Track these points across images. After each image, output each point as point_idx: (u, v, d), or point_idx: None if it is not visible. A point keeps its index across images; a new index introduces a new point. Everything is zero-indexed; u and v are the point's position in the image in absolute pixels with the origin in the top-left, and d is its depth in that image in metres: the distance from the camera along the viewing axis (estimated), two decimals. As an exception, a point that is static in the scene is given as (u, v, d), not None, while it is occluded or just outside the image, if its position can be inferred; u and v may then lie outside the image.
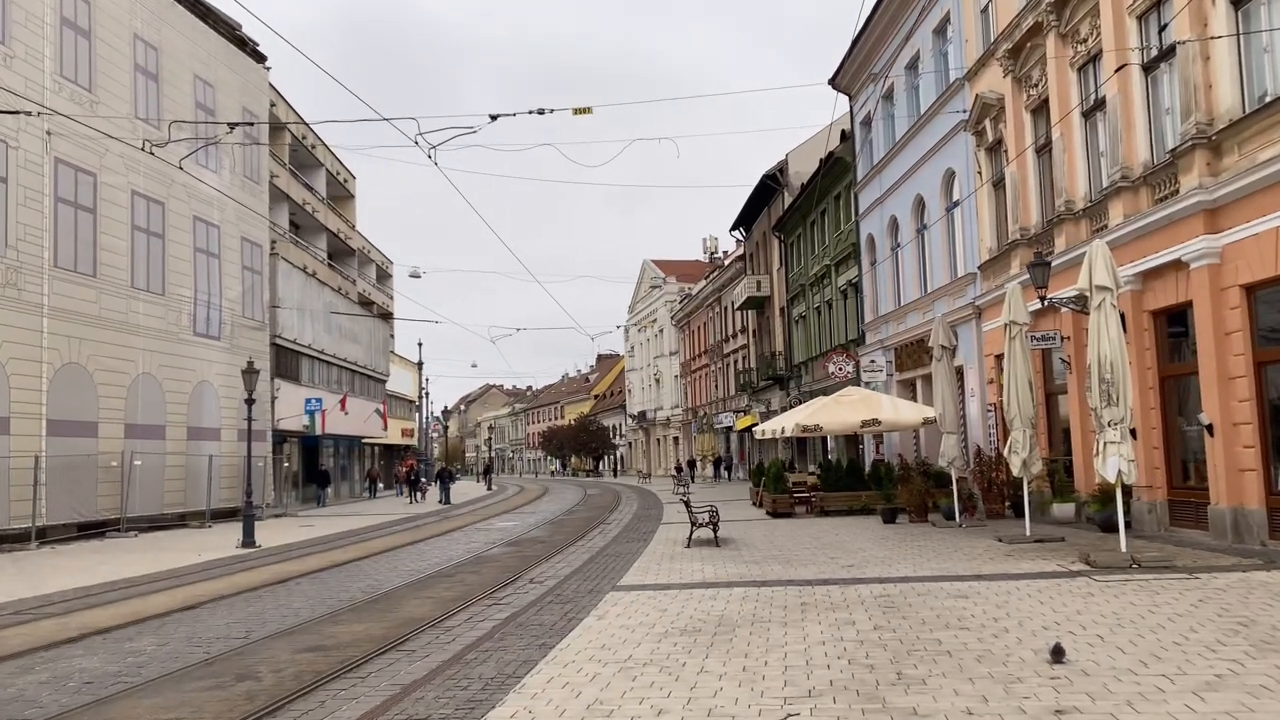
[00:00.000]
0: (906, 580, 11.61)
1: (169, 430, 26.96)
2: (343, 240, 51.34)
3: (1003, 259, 21.26)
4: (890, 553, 14.59)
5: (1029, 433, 15.39)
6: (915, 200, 27.09)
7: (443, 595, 12.28)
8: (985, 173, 22.38)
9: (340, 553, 18.89)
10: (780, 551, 15.35)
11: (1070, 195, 18.15)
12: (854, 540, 16.69)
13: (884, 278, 30.43)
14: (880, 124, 30.17)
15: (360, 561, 17.01)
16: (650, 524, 23.13)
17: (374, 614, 11.01)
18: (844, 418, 23.26)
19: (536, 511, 31.67)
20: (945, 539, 16.31)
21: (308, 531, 24.98)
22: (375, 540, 21.88)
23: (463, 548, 19.23)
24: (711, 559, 14.71)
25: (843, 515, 22.44)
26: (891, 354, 29.36)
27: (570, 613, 10.18)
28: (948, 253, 25.31)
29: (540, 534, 22.11)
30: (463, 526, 25.21)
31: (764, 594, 10.87)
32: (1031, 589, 10.49)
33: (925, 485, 20.03)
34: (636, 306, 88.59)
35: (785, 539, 17.46)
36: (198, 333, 28.51)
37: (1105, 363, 12.25)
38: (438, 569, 15.35)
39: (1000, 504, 19.89)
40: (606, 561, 15.14)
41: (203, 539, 23.04)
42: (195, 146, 27.57)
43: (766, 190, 46.76)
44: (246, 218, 31.76)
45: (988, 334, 22.62)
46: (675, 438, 75.90)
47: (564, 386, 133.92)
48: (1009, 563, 12.77)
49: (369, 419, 47.60)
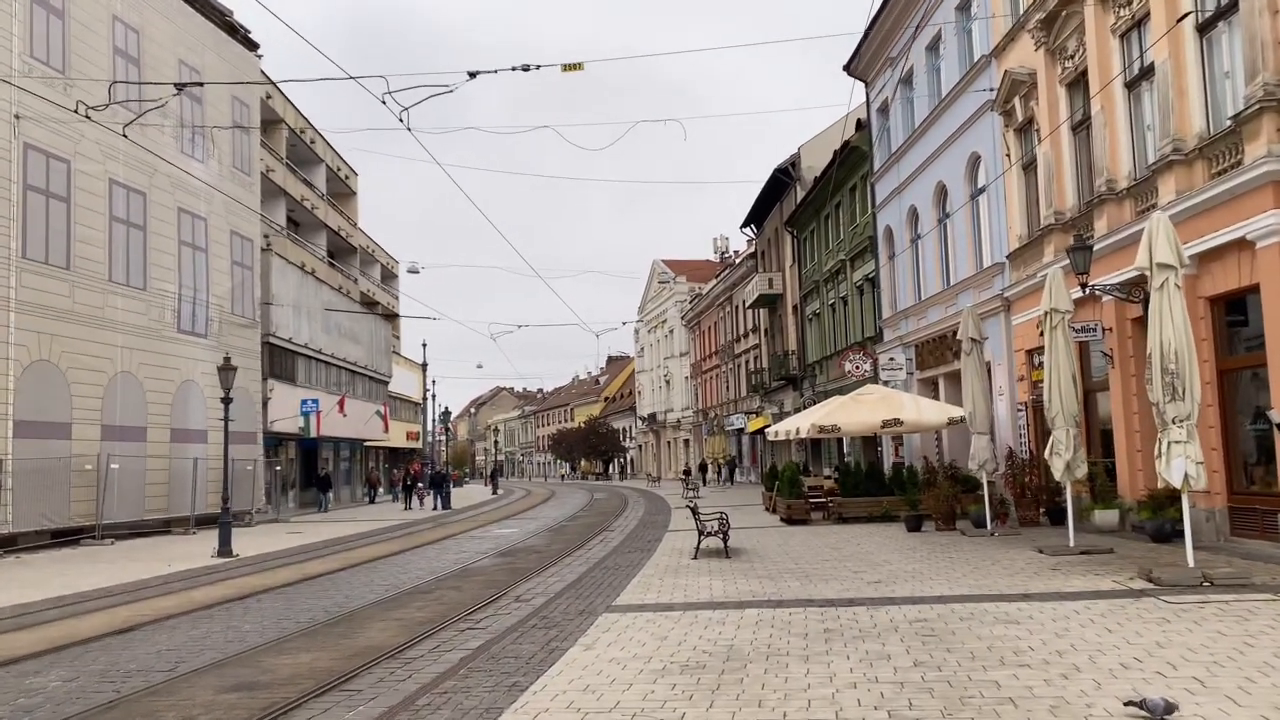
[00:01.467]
0: (944, 600, 10.11)
1: (150, 432, 25.61)
2: (344, 238, 50.08)
3: (1035, 246, 19.73)
4: (920, 566, 13.09)
5: (1073, 432, 13.86)
6: (937, 188, 25.57)
7: (413, 617, 10.84)
8: (1014, 155, 20.86)
9: (319, 563, 17.49)
10: (797, 564, 13.86)
11: (1112, 174, 16.61)
12: (878, 551, 15.19)
13: (903, 271, 28.90)
14: (899, 110, 28.65)
15: (336, 574, 15.59)
16: (656, 531, 21.67)
17: (329, 640, 9.57)
18: (863, 418, 21.76)
19: (538, 517, 30.23)
20: (978, 550, 14.79)
21: (295, 539, 23.60)
22: (361, 549, 20.47)
23: (451, 558, 17.79)
24: (720, 573, 13.24)
25: (862, 522, 20.92)
26: (912, 351, 27.82)
27: (554, 641, 8.73)
28: (973, 242, 23.78)
29: (538, 542, 20.67)
30: (457, 534, 23.77)
31: (780, 618, 9.40)
32: (1092, 613, 8.99)
33: (953, 490, 18.51)
34: (646, 307, 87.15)
35: (802, 549, 15.97)
36: (182, 330, 27.17)
37: (1169, 352, 10.73)
38: (417, 584, 13.91)
39: (1035, 510, 18.35)
40: (604, 575, 13.69)
41: (182, 547, 21.70)
42: (179, 132, 26.28)
43: (778, 185, 45.27)
44: (236, 211, 30.43)
45: (1018, 327, 21.09)
46: (686, 440, 74.38)
47: (574, 389, 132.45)
48: (1057, 579, 11.25)
49: (369, 421, 46.22)
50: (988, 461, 17.33)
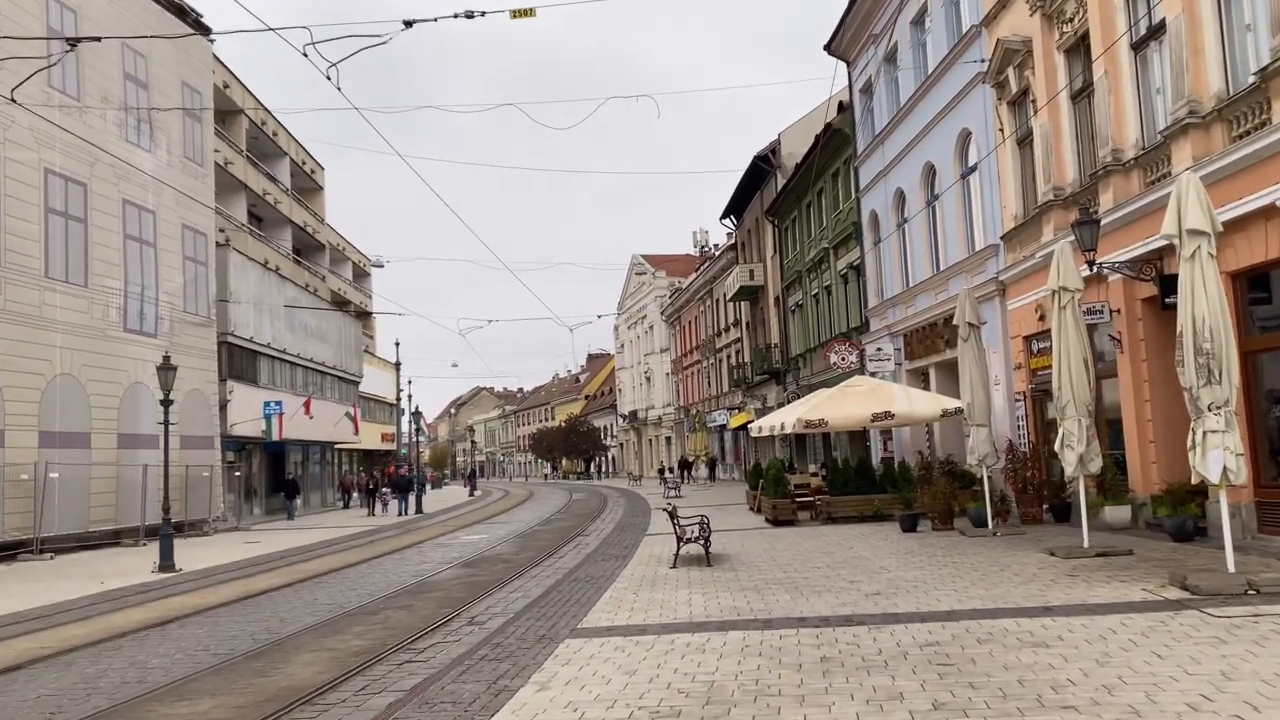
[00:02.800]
0: (955, 616, 8.83)
1: (95, 438, 24.05)
2: (310, 234, 48.49)
3: (1032, 225, 18.52)
4: (921, 573, 11.81)
5: (1085, 423, 12.61)
6: (924, 169, 24.34)
7: (348, 646, 9.45)
8: (1008, 129, 19.64)
9: (265, 578, 16.05)
10: (785, 573, 12.57)
11: (1118, 143, 15.40)
12: (873, 555, 13.91)
13: (889, 258, 27.68)
14: (883, 89, 27.41)
15: (280, 592, 14.17)
16: (633, 535, 20.34)
17: (241, 679, 8.18)
18: (851, 411, 20.50)
19: (511, 521, 28.83)
20: (983, 552, 13.54)
21: (251, 549, 22.14)
22: (317, 560, 19.05)
23: (410, 570, 16.40)
24: (701, 584, 11.92)
25: (853, 522, 19.66)
26: (900, 340, 26.61)
27: (504, 678, 7.38)
28: (964, 224, 22.57)
29: (506, 550, 19.29)
30: (423, 541, 22.35)
31: (769, 642, 8.09)
32: (1131, 631, 7.73)
33: (951, 487, 17.27)
34: (626, 303, 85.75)
35: (790, 554, 14.68)
36: (129, 329, 25.59)
37: (1203, 329, 9.48)
38: (364, 602, 12.52)
39: (1037, 507, 17.15)
40: (573, 589, 12.34)
41: (125, 561, 20.20)
42: (122, 119, 24.73)
43: (758, 174, 43.97)
44: (189, 204, 28.85)
45: (1014, 312, 19.89)
46: (668, 437, 73.09)
47: (554, 387, 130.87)
48: (1079, 587, 9.99)
49: (339, 423, 44.66)
50: (988, 455, 16.10)
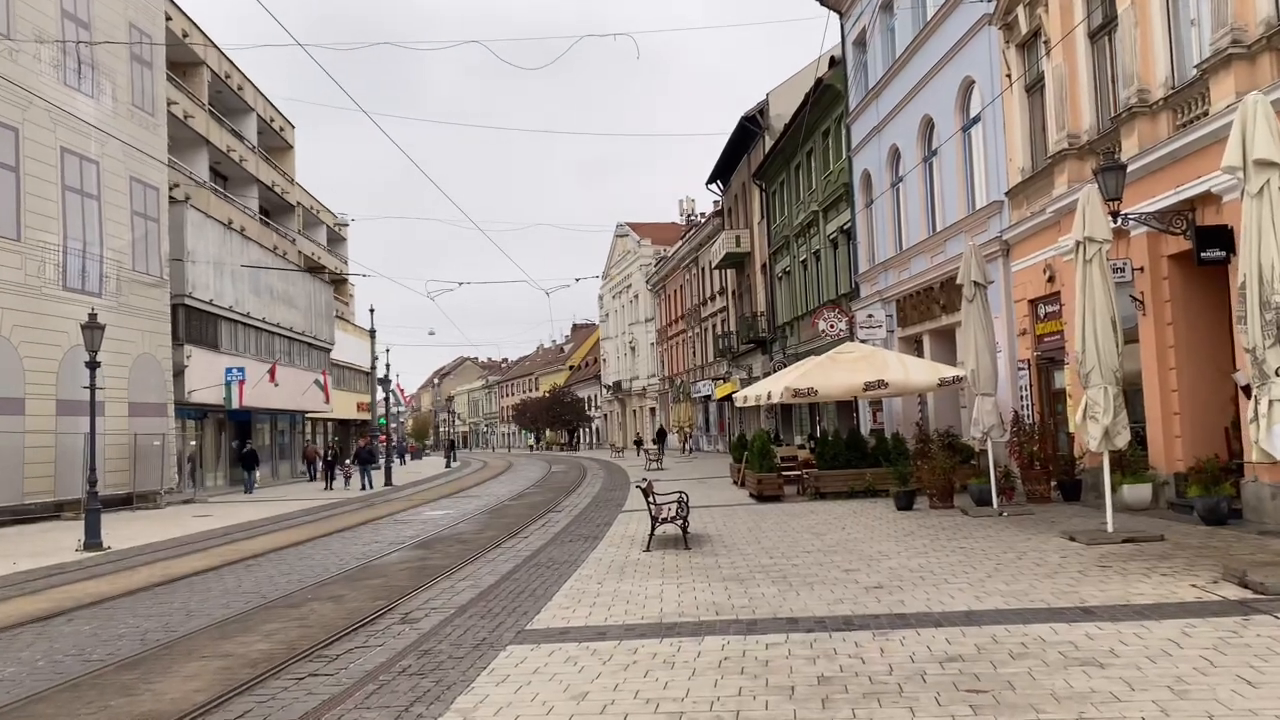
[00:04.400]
0: (976, 619, 7.38)
1: (30, 404, 22.33)
2: (279, 195, 46.46)
3: (1042, 178, 17.00)
4: (927, 560, 10.36)
5: (1112, 391, 11.14)
6: (922, 122, 22.75)
7: (250, 651, 7.93)
8: (1016, 74, 18.06)
9: (194, 559, 14.50)
10: (772, 558, 11.10)
11: (1145, 82, 13.84)
12: (869, 538, 12.46)
13: (882, 219, 26.14)
14: (878, 40, 25.74)
15: (201, 576, 12.61)
16: (609, 511, 18.89)
17: (97, 700, 6.62)
18: (843, 379, 19.03)
19: (482, 495, 27.32)
20: (991, 535, 12.11)
21: (197, 524, 20.57)
22: (262, 537, 17.49)
23: (356, 551, 14.87)
24: (677, 572, 10.45)
25: (843, 498, 18.23)
26: (892, 307, 25.13)
27: (420, 702, 5.88)
28: (964, 181, 21.04)
29: (468, 529, 17.78)
30: (382, 517, 20.81)
31: (753, 654, 6.61)
32: (1199, 644, 6.28)
33: (951, 462, 15.83)
34: (610, 272, 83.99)
35: (776, 535, 13.23)
36: (69, 287, 23.80)
37: (1272, 278, 8.00)
38: (289, 591, 10.99)
39: (1045, 485, 15.74)
40: (531, 577, 10.85)
41: (54, 537, 18.58)
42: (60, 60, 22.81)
43: (745, 137, 42.26)
44: (137, 155, 26.96)
45: (1018, 274, 18.41)
46: (652, 408, 71.67)
47: (539, 357, 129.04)
48: (1114, 581, 8.56)
49: (308, 391, 42.87)
50: (993, 428, 14.64)
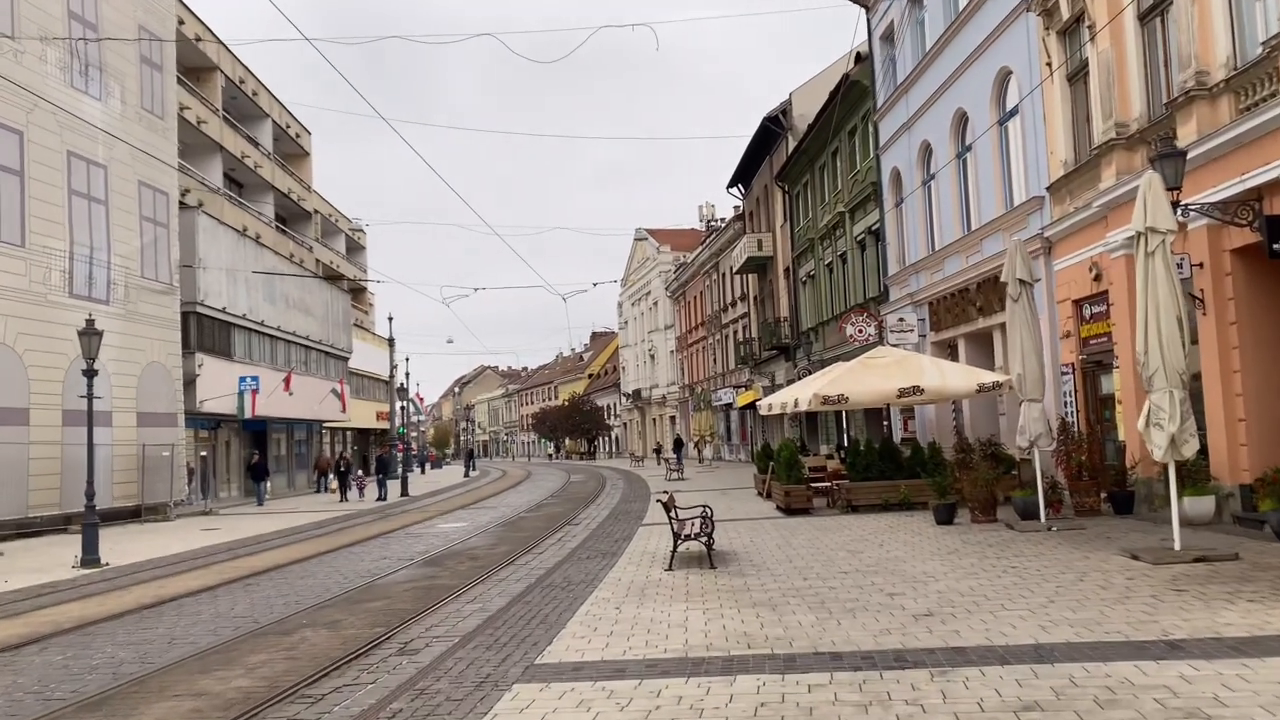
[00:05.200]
0: (1047, 655, 6.46)
1: (35, 414, 21.73)
2: (295, 202, 45.99)
3: (1087, 171, 16.03)
4: (979, 582, 9.43)
5: (1179, 396, 10.17)
6: (955, 116, 21.80)
7: (227, 688, 7.11)
8: (1057, 62, 17.11)
9: (192, 577, 13.74)
10: (806, 579, 10.19)
11: (1204, 63, 12.87)
12: (910, 556, 11.52)
13: (913, 219, 25.18)
14: (907, 33, 24.82)
15: (195, 597, 11.83)
16: (628, 524, 18.02)
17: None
18: (875, 386, 18.08)
19: (498, 506, 26.51)
20: (1045, 553, 11.14)
21: (204, 538, 19.85)
22: (266, 553, 16.73)
23: (363, 568, 14.05)
24: (702, 595, 9.57)
25: (877, 511, 17.28)
26: (925, 310, 24.15)
27: (407, 759, 5.03)
28: (1001, 177, 20.09)
29: (481, 543, 16.94)
30: (393, 530, 20.02)
31: (794, 698, 5.72)
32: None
33: (994, 473, 14.86)
34: (630, 279, 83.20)
35: (809, 552, 12.31)
36: (75, 294, 23.21)
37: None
38: (285, 615, 10.17)
39: (1094, 496, 14.74)
40: (543, 600, 9.99)
41: (55, 552, 17.89)
42: (66, 62, 22.26)
43: (767, 138, 41.36)
44: (147, 159, 26.41)
45: (1061, 273, 17.43)
46: (672, 417, 70.74)
47: (558, 366, 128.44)
48: (1197, 610, 7.60)
49: (325, 400, 42.30)
50: (1041, 436, 13.68)
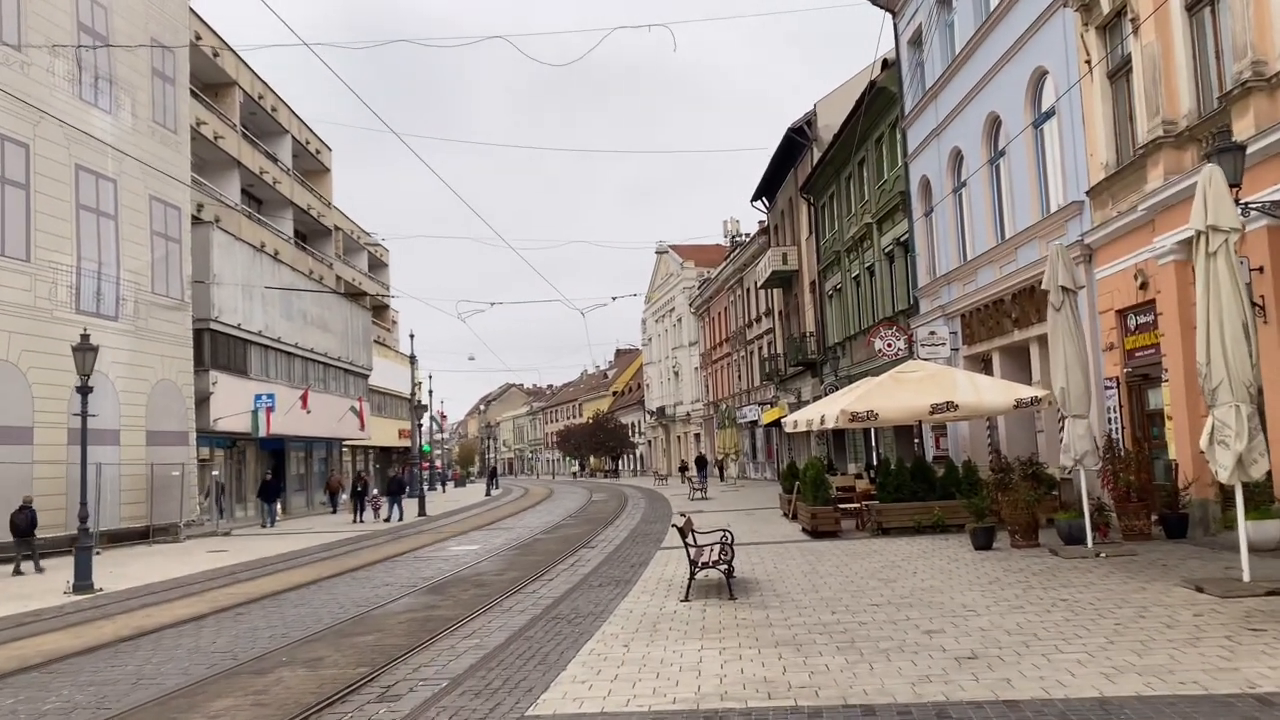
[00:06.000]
0: (1114, 712, 5.55)
1: (39, 433, 21.21)
2: (315, 219, 45.66)
3: (1132, 172, 15.10)
4: (1026, 617, 8.49)
5: (1246, 410, 9.22)
6: (988, 120, 20.90)
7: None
8: (1096, 59, 16.20)
9: (176, 607, 13.00)
10: (834, 612, 9.29)
11: (1260, 54, 11.95)
12: (948, 586, 10.58)
13: (943, 228, 24.26)
14: (936, 36, 23.97)
15: (173, 629, 11.08)
16: (646, 548, 17.15)
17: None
18: (907, 401, 17.14)
19: (515, 526, 25.69)
20: (1095, 583, 10.16)
21: (207, 561, 19.20)
22: (266, 578, 16.01)
23: (362, 595, 13.27)
24: (719, 631, 8.70)
25: (909, 534, 16.31)
26: (956, 323, 23.19)
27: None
28: (1036, 182, 19.16)
29: (490, 568, 16.12)
30: (401, 554, 19.23)
31: (820, 768, 4.85)
32: None
33: (1036, 494, 13.88)
34: (653, 295, 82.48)
35: (837, 580, 11.40)
36: (83, 310, 22.72)
37: None
38: (266, 649, 9.39)
39: (1144, 519, 13.72)
40: (546, 635, 9.16)
41: (55, 576, 17.32)
42: (74, 74, 21.87)
43: (792, 149, 40.52)
44: (158, 174, 25.98)
45: (1104, 281, 16.47)
46: (696, 434, 69.78)
47: (582, 383, 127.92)
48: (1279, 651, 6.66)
49: (344, 419, 41.77)
50: (1087, 454, 12.70)
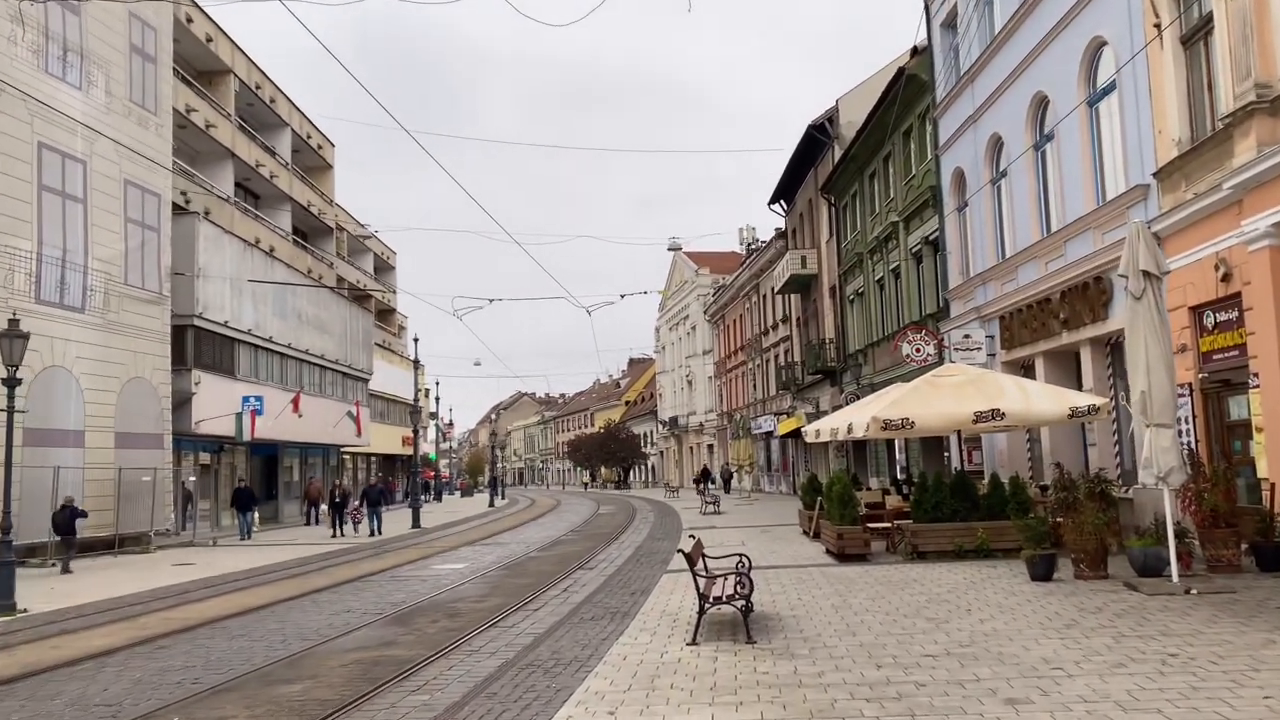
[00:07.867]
0: None
1: (-10, 433, 19.40)
2: (316, 216, 43.98)
3: (1211, 148, 13.10)
4: (1134, 682, 6.50)
5: None
6: (1033, 101, 18.95)
7: None
8: (1167, 22, 14.23)
9: (93, 636, 11.12)
10: (878, 664, 7.32)
11: (1388, -8, 9.98)
12: (1015, 631, 8.58)
13: (979, 224, 22.27)
14: (973, 16, 22.04)
15: (66, 669, 9.17)
16: (650, 570, 15.20)
17: None
18: (946, 409, 15.14)
19: (512, 542, 23.74)
20: (1196, 627, 8.15)
21: (165, 576, 17.35)
22: (216, 599, 14.12)
23: (313, 625, 11.33)
24: (734, 692, 6.74)
25: (949, 559, 14.29)
26: (994, 325, 21.18)
27: None
28: (1090, 166, 17.16)
29: (472, 592, 14.17)
30: (377, 573, 17.28)
31: None
32: None
33: (1106, 517, 11.86)
34: (667, 303, 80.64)
35: (876, 620, 9.41)
36: (44, 300, 20.96)
37: None
38: (158, 705, 7.48)
39: (1233, 548, 11.68)
40: (513, 690, 7.23)
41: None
42: (41, 45, 20.18)
43: (812, 148, 38.64)
44: (135, 157, 24.26)
45: (1176, 274, 14.40)
46: (710, 445, 67.78)
47: (595, 392, 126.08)
48: None
49: (340, 423, 39.98)
50: (1174, 470, 10.69)
